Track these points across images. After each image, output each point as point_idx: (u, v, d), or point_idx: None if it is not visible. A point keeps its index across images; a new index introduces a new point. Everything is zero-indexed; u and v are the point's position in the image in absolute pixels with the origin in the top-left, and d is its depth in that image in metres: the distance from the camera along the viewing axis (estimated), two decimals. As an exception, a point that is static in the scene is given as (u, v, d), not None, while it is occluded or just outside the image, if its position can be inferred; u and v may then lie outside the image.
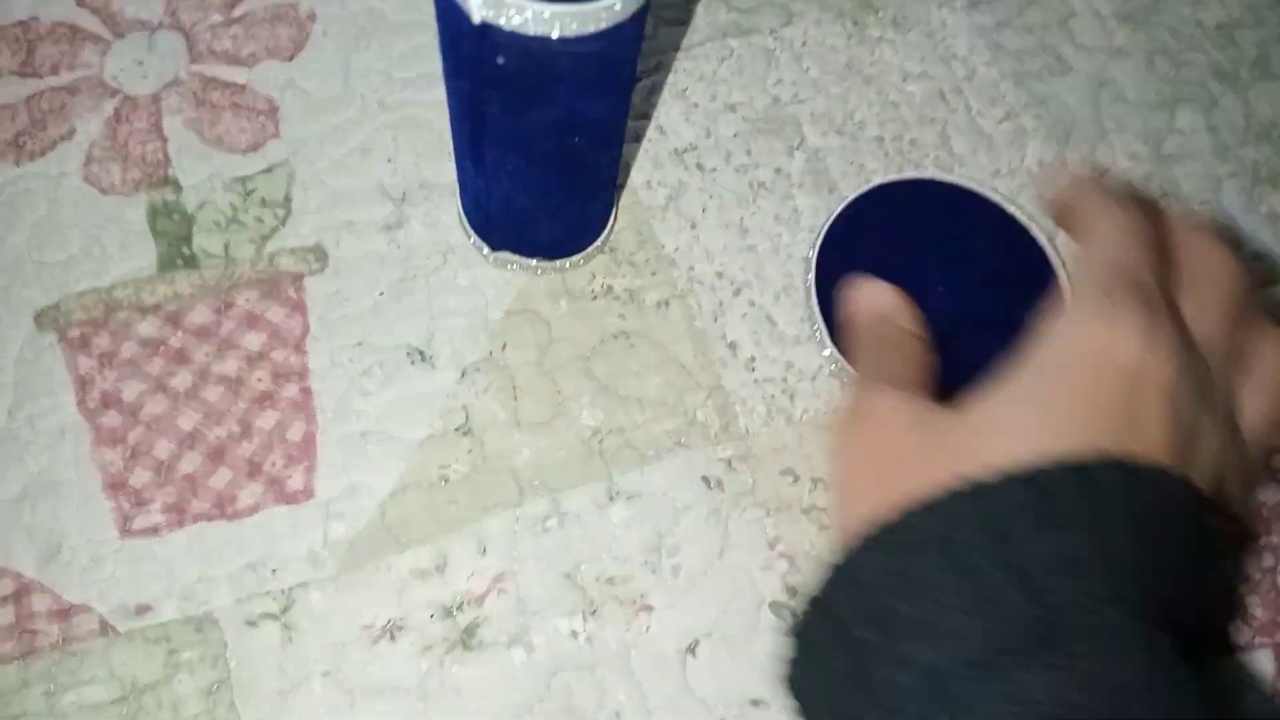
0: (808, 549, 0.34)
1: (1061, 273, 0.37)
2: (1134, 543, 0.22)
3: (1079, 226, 0.30)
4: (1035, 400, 0.24)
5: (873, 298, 0.34)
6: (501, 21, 0.25)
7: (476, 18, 0.25)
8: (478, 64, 0.28)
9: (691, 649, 0.33)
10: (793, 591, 0.34)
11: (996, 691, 0.20)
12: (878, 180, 0.40)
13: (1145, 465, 0.23)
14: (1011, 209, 0.39)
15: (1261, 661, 0.34)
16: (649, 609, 0.33)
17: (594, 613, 0.33)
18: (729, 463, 0.35)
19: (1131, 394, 0.24)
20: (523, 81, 0.28)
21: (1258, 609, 0.35)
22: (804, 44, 0.44)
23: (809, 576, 0.34)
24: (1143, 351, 0.24)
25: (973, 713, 0.20)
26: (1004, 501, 0.22)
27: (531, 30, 0.25)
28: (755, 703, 0.32)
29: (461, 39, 0.27)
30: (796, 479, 0.35)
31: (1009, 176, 0.41)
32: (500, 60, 0.27)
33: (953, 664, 0.21)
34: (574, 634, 0.33)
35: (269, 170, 0.39)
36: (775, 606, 0.33)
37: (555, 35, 0.26)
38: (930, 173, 0.40)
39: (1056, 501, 0.22)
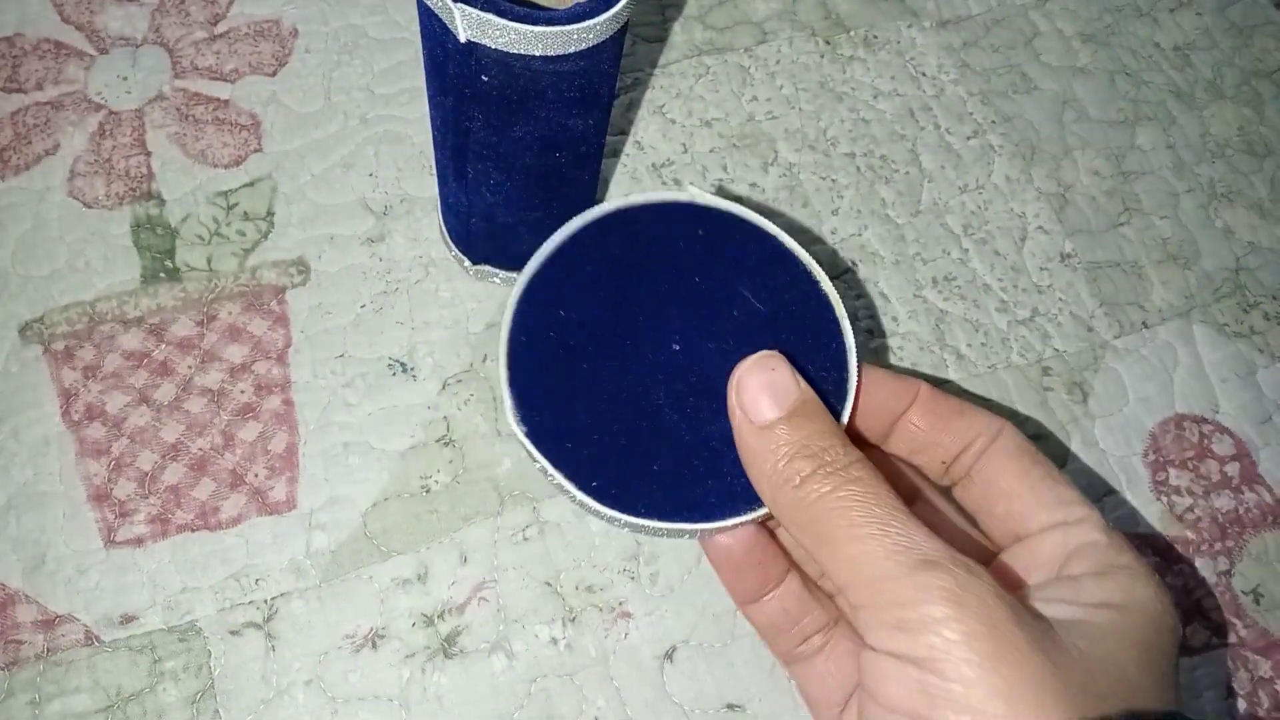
0: (781, 556, 0.35)
1: (843, 318, 0.29)
2: None
3: (999, 459, 0.27)
4: (1120, 659, 0.22)
5: (786, 396, 0.26)
6: (486, 41, 0.26)
7: (463, 37, 0.26)
8: (462, 81, 0.28)
9: (669, 655, 0.34)
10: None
11: None
12: (575, 223, 0.31)
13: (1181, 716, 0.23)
14: (770, 228, 0.31)
15: (1217, 662, 0.35)
16: (628, 616, 0.34)
17: (574, 620, 0.34)
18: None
19: (1170, 652, 0.24)
20: (505, 98, 0.29)
21: (1213, 612, 0.36)
22: (778, 62, 0.45)
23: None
24: (1178, 618, 0.24)
25: None
26: None
27: (515, 49, 0.26)
28: (732, 707, 0.33)
29: (446, 57, 0.28)
30: (771, 488, 0.36)
31: (976, 192, 0.43)
32: (484, 78, 0.28)
33: None
34: (554, 641, 0.33)
35: (252, 184, 0.40)
36: (750, 612, 0.34)
37: (538, 54, 0.26)
38: (656, 195, 0.31)
39: None
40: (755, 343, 0.27)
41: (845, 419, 0.27)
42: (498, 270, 0.38)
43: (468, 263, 0.38)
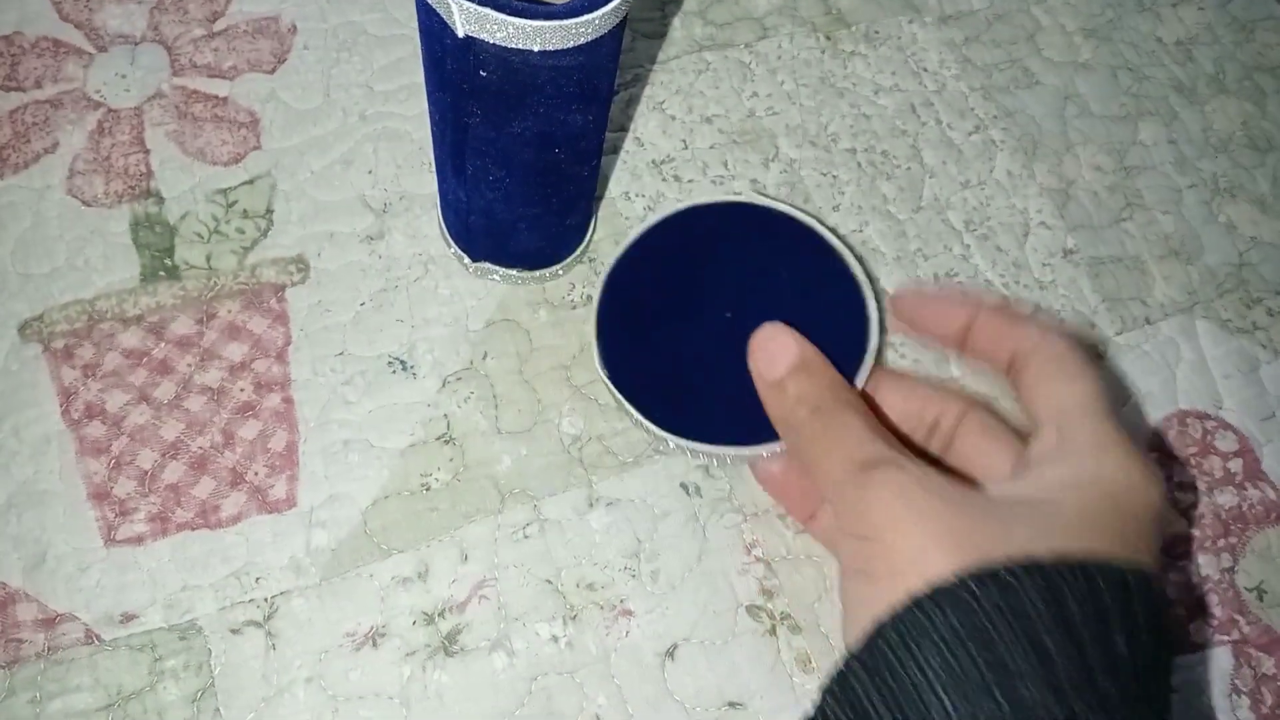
0: (784, 553, 0.35)
1: (869, 297, 0.35)
2: (1132, 640, 0.24)
3: (1043, 361, 0.30)
4: (1066, 517, 0.26)
5: (789, 354, 0.32)
6: (484, 36, 0.26)
7: (461, 32, 0.26)
8: (461, 77, 0.28)
9: (670, 653, 0.34)
10: (769, 595, 0.34)
11: None
12: (653, 219, 0.38)
13: (1149, 575, 0.25)
14: (813, 224, 0.37)
15: (1220, 659, 0.35)
16: (629, 614, 0.34)
17: (574, 618, 0.34)
18: (706, 469, 0.36)
19: (1145, 521, 0.26)
20: (504, 94, 0.28)
21: (1216, 608, 0.36)
22: (778, 58, 0.45)
23: (785, 580, 0.35)
24: (1160, 491, 0.27)
25: None
26: (1029, 593, 0.24)
27: (514, 44, 0.26)
28: (733, 705, 0.33)
29: (445, 53, 0.28)
30: (772, 485, 0.36)
31: (978, 188, 0.43)
32: (483, 73, 0.28)
33: None
34: (555, 639, 0.33)
35: (251, 182, 0.40)
36: (752, 610, 0.34)
37: (536, 49, 0.26)
38: (718, 197, 0.38)
39: (1069, 600, 0.24)
40: (793, 314, 0.33)
41: (861, 381, 0.33)
42: (497, 267, 0.38)
43: (467, 260, 0.38)
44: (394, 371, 0.37)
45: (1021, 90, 0.45)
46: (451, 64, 0.28)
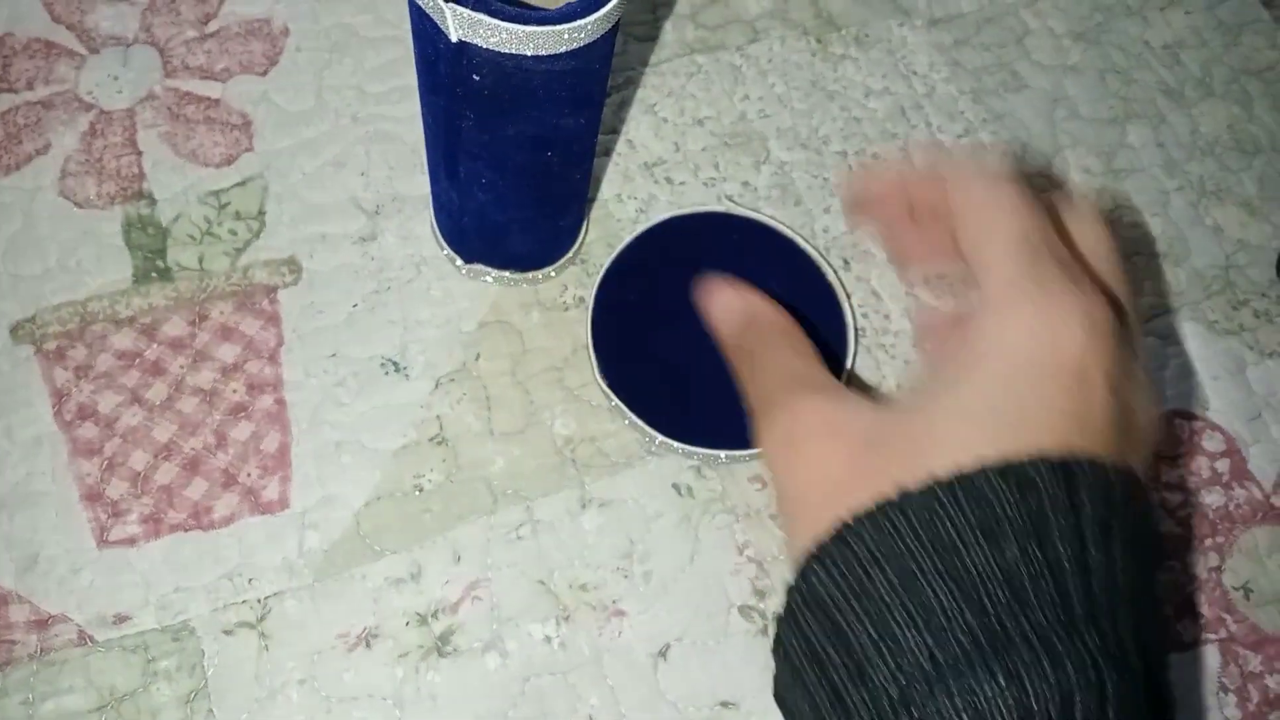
0: (776, 553, 0.35)
1: (845, 304, 0.38)
2: (1077, 544, 0.22)
3: (965, 209, 0.28)
4: (978, 406, 0.24)
5: (738, 303, 0.33)
6: (478, 41, 0.26)
7: (454, 36, 0.26)
8: (454, 81, 0.28)
9: (663, 653, 0.34)
10: (761, 595, 0.35)
11: (950, 705, 0.21)
12: (645, 225, 0.39)
13: (1088, 462, 0.23)
14: (794, 238, 0.39)
15: (1208, 657, 0.36)
16: (621, 614, 0.34)
17: (567, 618, 0.34)
18: (698, 470, 0.36)
19: (1077, 388, 0.24)
20: (497, 98, 0.29)
21: (1204, 607, 0.36)
22: (770, 61, 0.45)
23: (777, 580, 0.35)
24: (1085, 341, 0.24)
25: None
26: (947, 510, 0.22)
27: (507, 49, 0.26)
28: (725, 704, 0.33)
29: (438, 57, 0.28)
30: (764, 485, 0.36)
31: (967, 190, 0.43)
32: (476, 78, 0.28)
33: (907, 679, 0.21)
34: (548, 639, 0.34)
35: (243, 184, 0.40)
36: (744, 610, 0.34)
37: (530, 54, 0.26)
38: (707, 207, 0.40)
39: (996, 508, 0.22)
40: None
41: (844, 377, 0.36)
42: (489, 269, 0.38)
43: (460, 261, 0.38)
44: (386, 373, 0.37)
45: (1010, 93, 0.45)
46: (444, 68, 0.28)
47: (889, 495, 0.23)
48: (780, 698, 0.26)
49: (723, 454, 0.35)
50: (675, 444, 0.35)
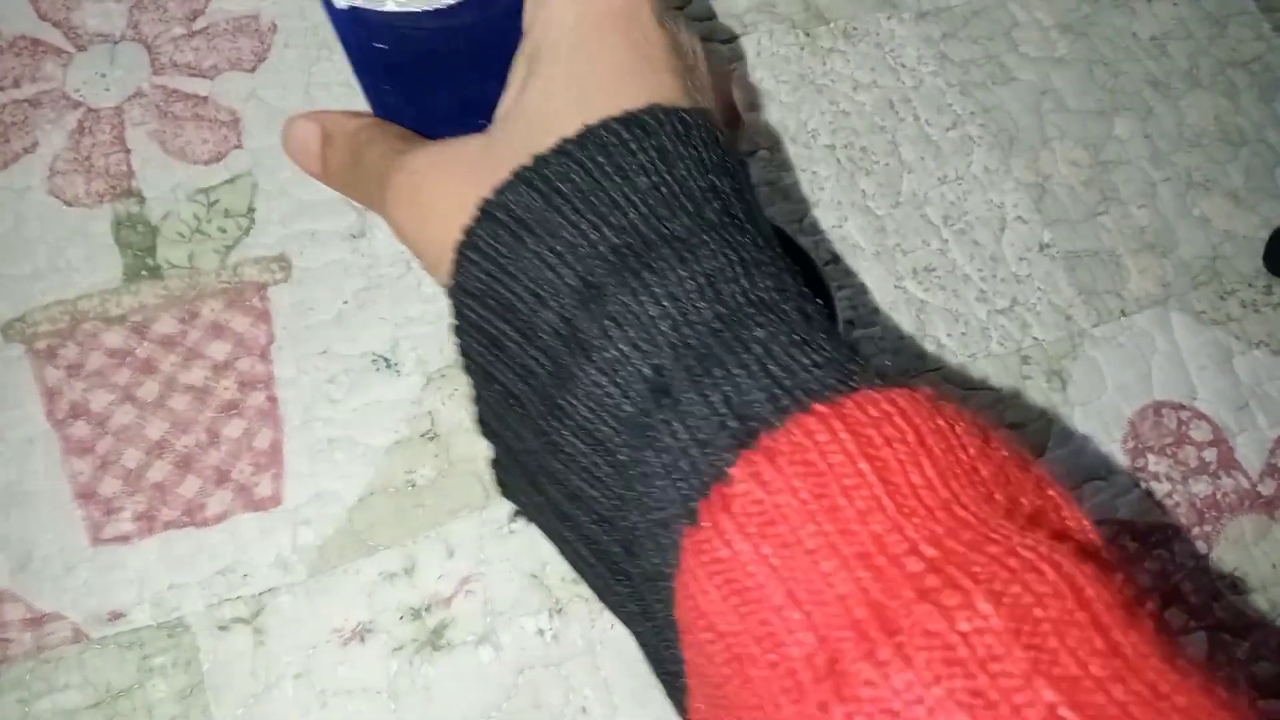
0: (765, 545, 0.36)
1: (834, 297, 0.37)
2: (699, 170, 0.23)
3: None
4: (562, 80, 0.24)
5: (309, 126, 0.30)
6: (369, 5, 0.25)
7: (342, 2, 0.25)
8: (360, 52, 0.27)
9: (654, 644, 0.34)
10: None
11: (606, 313, 0.21)
12: None
13: (687, 111, 0.23)
14: (782, 228, 0.38)
15: (1196, 645, 0.36)
16: (613, 606, 0.34)
17: (560, 611, 0.34)
18: (689, 463, 0.37)
19: (634, 28, 0.24)
20: (405, 65, 0.28)
21: (1192, 595, 0.37)
22: (758, 54, 0.45)
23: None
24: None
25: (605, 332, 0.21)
26: (578, 159, 0.22)
27: (394, 8, 0.25)
28: (716, 694, 0.33)
29: (338, 26, 0.27)
30: (754, 478, 0.37)
31: (955, 183, 0.43)
32: (376, 45, 0.27)
33: (566, 311, 0.21)
34: (540, 632, 0.34)
35: (232, 181, 0.40)
36: (734, 601, 0.35)
37: (419, 10, 0.25)
38: None
39: (624, 150, 0.22)
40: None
41: None
42: None
43: None
44: (378, 369, 0.37)
45: (998, 86, 0.45)
46: (349, 38, 0.27)
47: (522, 164, 0.23)
48: (477, 404, 0.26)
49: None
50: None
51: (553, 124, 0.23)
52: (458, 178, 0.25)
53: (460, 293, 0.24)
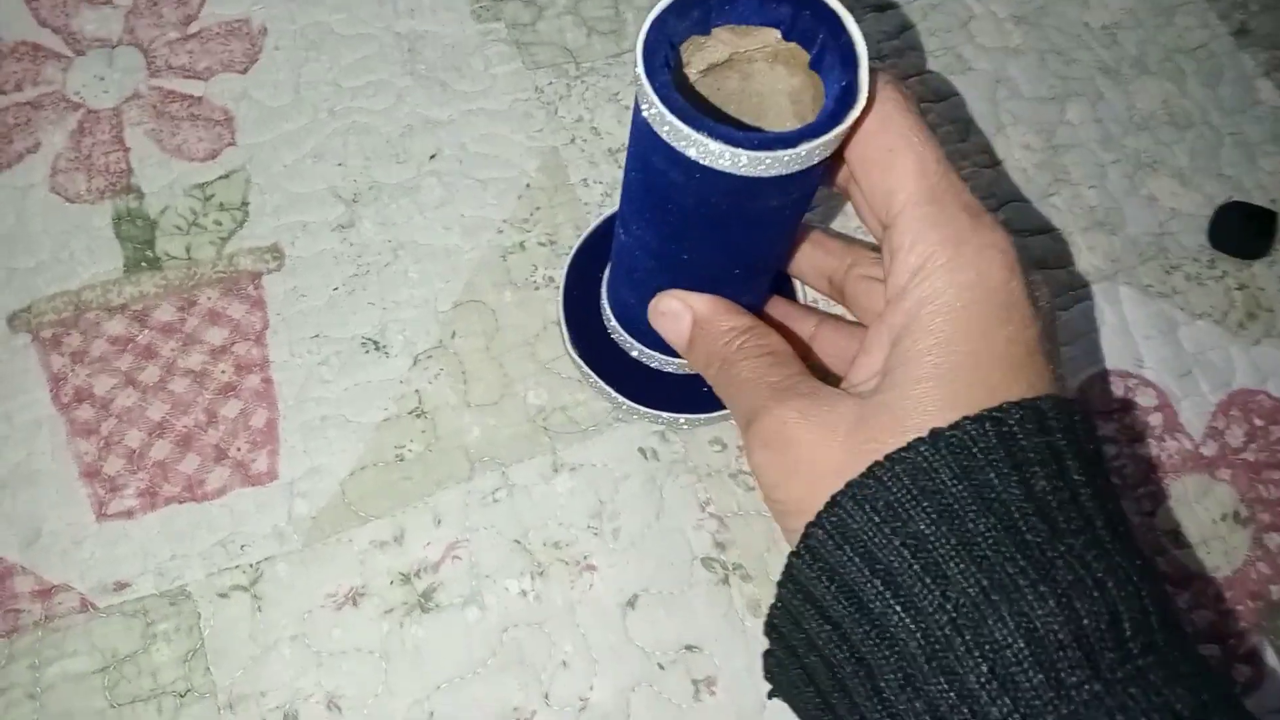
0: (735, 509, 0.38)
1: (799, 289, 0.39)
2: (1084, 474, 0.23)
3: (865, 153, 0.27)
4: (936, 370, 0.24)
5: (685, 319, 0.32)
6: (722, 166, 0.25)
7: (704, 162, 0.25)
8: (682, 201, 0.27)
9: (631, 603, 0.36)
10: (722, 547, 0.37)
11: (1004, 628, 0.21)
12: (610, 208, 0.41)
13: (1067, 402, 0.24)
14: None
15: (1142, 596, 0.38)
16: (592, 569, 0.36)
17: (541, 574, 0.36)
18: (663, 435, 0.39)
19: (1011, 338, 0.24)
20: (722, 215, 0.27)
21: (1138, 550, 0.39)
22: (726, 49, 0.47)
23: (737, 534, 0.37)
24: (1002, 270, 0.25)
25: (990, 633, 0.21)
26: (979, 445, 0.23)
27: (749, 173, 0.25)
28: (690, 648, 0.35)
29: (668, 184, 0.27)
30: (724, 447, 0.39)
31: (915, 168, 0.45)
32: (712, 200, 0.27)
33: (956, 608, 0.22)
34: (523, 593, 0.36)
35: (227, 176, 0.42)
36: (706, 561, 0.37)
37: (771, 175, 0.25)
38: None
39: (1020, 443, 0.23)
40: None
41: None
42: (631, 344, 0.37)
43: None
44: (367, 351, 0.39)
45: (955, 75, 0.48)
46: (681, 193, 0.27)
47: (920, 434, 0.23)
48: (781, 649, 0.26)
49: (683, 418, 0.37)
50: (641, 409, 0.37)
51: (929, 410, 0.24)
52: (828, 444, 0.25)
53: (806, 554, 0.25)
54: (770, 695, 0.29)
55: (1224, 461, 0.41)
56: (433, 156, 0.43)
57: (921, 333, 0.25)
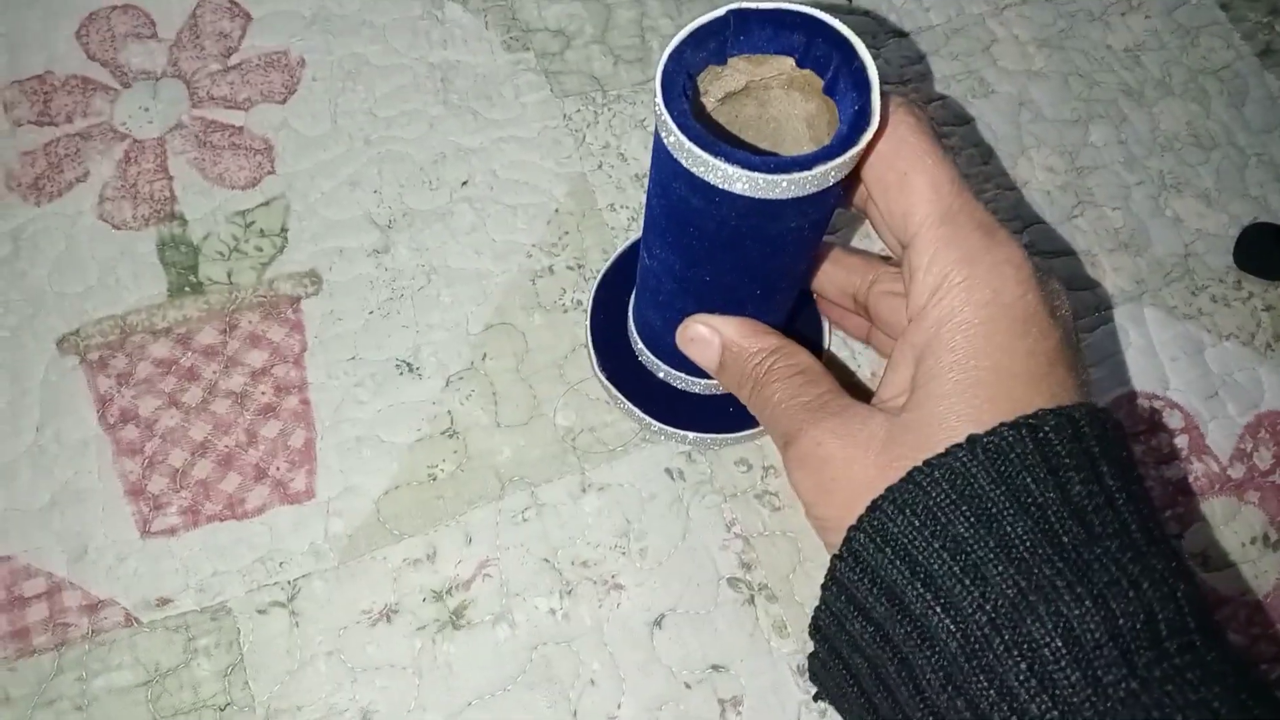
0: (761, 530, 0.38)
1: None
2: (1120, 479, 0.24)
3: (880, 173, 0.27)
4: (963, 385, 0.25)
5: (714, 345, 0.33)
6: (744, 190, 0.25)
7: (723, 186, 0.26)
8: (706, 224, 0.28)
9: (658, 622, 0.37)
10: (747, 567, 0.38)
11: (1042, 628, 0.22)
12: (637, 233, 0.41)
13: (1098, 410, 0.25)
14: None
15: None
16: (619, 587, 0.37)
17: (570, 592, 0.37)
18: (689, 455, 0.39)
19: (1031, 351, 0.25)
20: (742, 242, 0.28)
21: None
22: (751, 75, 0.48)
23: (762, 554, 0.38)
24: (1019, 285, 0.26)
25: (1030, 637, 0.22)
26: (1016, 450, 0.23)
27: (771, 196, 0.25)
28: (716, 667, 0.36)
29: (690, 208, 0.27)
30: (750, 468, 0.39)
31: (939, 191, 0.46)
32: (733, 223, 0.27)
33: (994, 608, 0.22)
34: (552, 611, 0.37)
35: (267, 204, 0.43)
36: (732, 581, 0.37)
37: (791, 197, 0.26)
38: None
39: (1056, 449, 0.23)
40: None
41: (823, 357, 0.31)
42: (665, 428, 0.38)
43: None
44: (401, 373, 0.40)
45: (978, 99, 0.48)
46: (705, 218, 0.27)
47: (959, 440, 0.24)
48: (825, 650, 0.27)
49: (709, 438, 0.38)
50: (667, 430, 0.38)
51: (953, 425, 0.25)
52: (861, 462, 0.26)
53: (849, 556, 0.26)
54: (815, 698, 0.29)
55: (1252, 484, 0.41)
56: (464, 183, 0.44)
57: (943, 350, 0.26)
